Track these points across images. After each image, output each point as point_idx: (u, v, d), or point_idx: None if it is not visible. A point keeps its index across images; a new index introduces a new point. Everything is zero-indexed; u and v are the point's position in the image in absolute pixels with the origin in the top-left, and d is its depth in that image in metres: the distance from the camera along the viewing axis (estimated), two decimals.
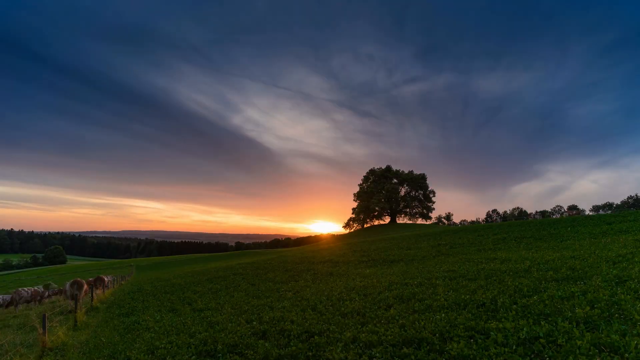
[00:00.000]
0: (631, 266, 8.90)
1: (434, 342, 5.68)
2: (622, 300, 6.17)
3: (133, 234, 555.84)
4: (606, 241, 14.81)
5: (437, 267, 14.13)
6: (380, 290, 10.74)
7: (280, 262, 25.80)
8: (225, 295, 14.65)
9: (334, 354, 5.82)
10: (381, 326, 6.95)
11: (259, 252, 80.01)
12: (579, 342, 4.64)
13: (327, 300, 10.42)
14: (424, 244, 25.26)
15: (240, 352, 6.73)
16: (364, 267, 18.39)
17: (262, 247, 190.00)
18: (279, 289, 14.35)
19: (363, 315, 8.09)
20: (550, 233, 21.05)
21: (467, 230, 31.96)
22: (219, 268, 29.97)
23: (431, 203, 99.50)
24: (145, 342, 8.30)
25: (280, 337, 7.28)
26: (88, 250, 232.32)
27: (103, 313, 14.36)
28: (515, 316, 6.31)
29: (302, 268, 20.37)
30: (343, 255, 25.05)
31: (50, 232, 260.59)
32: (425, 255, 19.51)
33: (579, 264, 10.15)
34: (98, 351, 8.31)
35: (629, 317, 5.41)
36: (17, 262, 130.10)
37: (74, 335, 10.53)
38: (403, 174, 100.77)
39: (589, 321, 5.51)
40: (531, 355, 4.68)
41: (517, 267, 11.04)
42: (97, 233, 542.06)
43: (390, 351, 5.60)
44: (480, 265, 12.64)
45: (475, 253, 17.73)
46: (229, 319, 9.75)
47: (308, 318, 8.50)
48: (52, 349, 8.89)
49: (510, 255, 14.74)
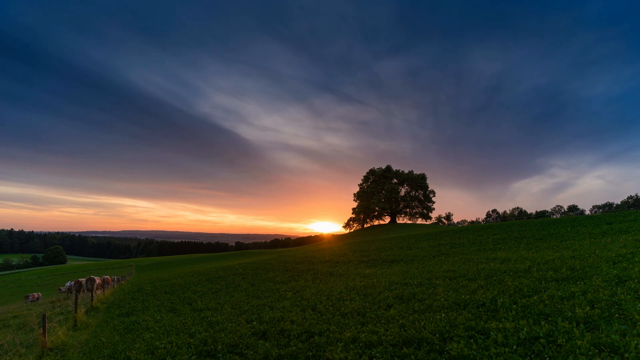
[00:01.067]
0: (631, 266, 8.91)
1: (434, 342, 5.68)
2: (622, 300, 6.17)
3: (133, 234, 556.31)
4: (606, 241, 14.81)
5: (437, 267, 14.13)
6: (380, 290, 10.75)
7: (280, 262, 25.80)
8: (225, 295, 14.65)
9: (334, 354, 5.82)
10: (381, 326, 6.95)
11: (259, 252, 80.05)
12: (579, 342, 4.64)
13: (327, 300, 10.43)
14: (424, 244, 25.26)
15: (240, 352, 6.73)
16: (364, 267, 18.39)
17: (262, 247, 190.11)
18: (279, 289, 14.35)
19: (363, 315, 8.09)
20: (550, 233, 21.05)
21: (467, 230, 31.97)
22: (219, 268, 29.98)
23: (431, 203, 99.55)
24: (145, 342, 8.30)
25: (280, 337, 7.28)
26: (88, 250, 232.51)
27: (103, 313, 14.36)
28: (515, 316, 6.32)
29: (302, 268, 20.37)
30: (343, 255, 25.05)
31: (50, 232, 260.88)
32: (425, 255, 19.51)
33: (579, 264, 10.15)
34: (98, 351, 8.31)
35: (629, 317, 5.41)
36: (17, 262, 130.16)
37: (74, 335, 10.52)
38: (403, 174, 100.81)
39: (589, 321, 5.51)
40: (531, 355, 4.68)
41: (517, 267, 11.04)
42: (97, 233, 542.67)
43: (390, 351, 5.60)
44: (480, 265, 12.64)
45: (475, 253, 17.73)
46: (229, 319, 9.75)
47: (308, 318, 8.50)
48: (52, 349, 8.88)
49: (510, 255, 14.74)
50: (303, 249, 49.70)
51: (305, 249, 46.71)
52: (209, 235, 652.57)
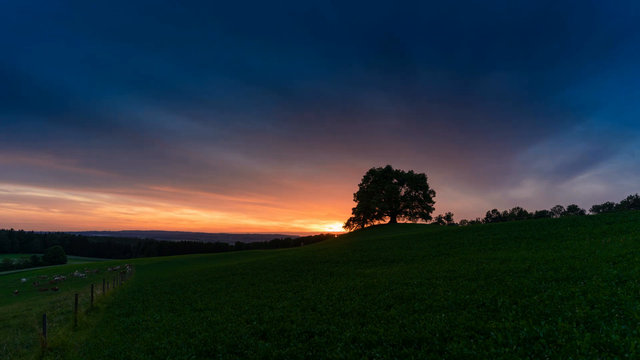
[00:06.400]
0: (631, 266, 8.90)
1: (434, 342, 5.68)
2: (622, 300, 6.17)
3: (133, 234, 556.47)
4: (606, 241, 14.81)
5: (437, 267, 14.13)
6: (380, 290, 10.75)
7: (281, 262, 25.79)
8: (225, 295, 14.64)
9: (334, 354, 5.82)
10: (381, 326, 6.95)
11: (259, 252, 80.00)
12: (579, 342, 4.64)
13: (327, 300, 10.43)
14: (424, 244, 25.26)
15: (240, 352, 6.72)
16: (364, 267, 18.39)
17: (263, 247, 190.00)
18: (279, 289, 14.35)
19: (363, 315, 8.09)
20: (550, 233, 21.05)
21: (467, 230, 31.97)
22: (219, 268, 29.98)
23: (431, 203, 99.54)
24: (145, 342, 8.30)
25: (280, 337, 7.28)
26: (88, 250, 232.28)
27: (103, 313, 14.35)
28: (515, 316, 6.31)
29: (302, 268, 20.37)
30: (343, 255, 25.04)
31: (50, 232, 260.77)
32: (425, 255, 19.51)
33: (579, 264, 10.15)
34: (98, 351, 8.31)
35: (629, 317, 5.41)
36: (17, 262, 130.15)
37: (74, 335, 10.52)
38: (403, 174, 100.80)
39: (589, 321, 5.51)
40: (531, 355, 4.68)
41: (517, 267, 11.04)
42: (97, 233, 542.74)
43: (390, 351, 5.60)
44: (480, 265, 12.64)
45: (475, 253, 17.73)
46: (229, 318, 9.75)
47: (308, 318, 8.50)
48: (52, 349, 8.88)
49: (510, 255, 14.74)
50: (303, 249, 49.70)
51: (306, 249, 46.71)
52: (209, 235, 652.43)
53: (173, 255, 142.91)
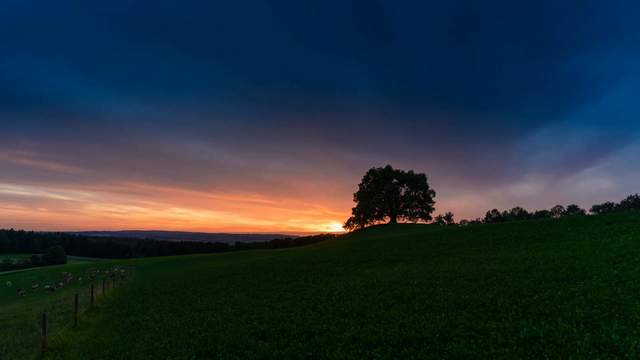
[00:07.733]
0: (631, 266, 8.90)
1: (434, 342, 5.68)
2: (622, 300, 6.17)
3: (133, 234, 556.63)
4: (606, 241, 14.80)
5: (437, 267, 14.13)
6: (380, 290, 10.74)
7: (281, 262, 25.80)
8: (225, 295, 14.65)
9: (334, 354, 5.82)
10: (381, 326, 6.95)
11: (259, 252, 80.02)
12: (579, 342, 4.64)
13: (327, 300, 10.43)
14: (424, 244, 25.26)
15: (240, 352, 6.72)
16: (364, 267, 18.39)
17: (263, 247, 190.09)
18: (279, 289, 14.35)
19: (363, 315, 8.09)
20: (550, 233, 21.04)
21: (467, 230, 31.96)
22: (219, 268, 29.98)
23: (431, 203, 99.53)
24: (145, 342, 8.30)
25: (280, 337, 7.28)
26: (88, 250, 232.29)
27: (103, 313, 14.35)
28: (515, 316, 6.31)
29: (302, 268, 20.37)
30: (343, 255, 25.04)
31: (50, 232, 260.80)
32: (425, 255, 19.51)
33: (579, 264, 10.15)
34: (98, 351, 8.31)
35: (629, 317, 5.41)
36: (17, 262, 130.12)
37: (74, 335, 10.52)
38: (403, 174, 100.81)
39: (589, 321, 5.51)
40: (531, 355, 4.68)
41: (517, 267, 11.04)
42: (97, 233, 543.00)
43: (390, 351, 5.60)
44: (480, 265, 12.64)
45: (475, 253, 17.73)
46: (229, 318, 9.75)
47: (308, 318, 8.50)
48: (52, 349, 8.88)
49: (510, 255, 14.74)
50: (303, 249, 49.70)
51: (306, 249, 46.72)
52: (209, 236, 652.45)
53: (173, 255, 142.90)
